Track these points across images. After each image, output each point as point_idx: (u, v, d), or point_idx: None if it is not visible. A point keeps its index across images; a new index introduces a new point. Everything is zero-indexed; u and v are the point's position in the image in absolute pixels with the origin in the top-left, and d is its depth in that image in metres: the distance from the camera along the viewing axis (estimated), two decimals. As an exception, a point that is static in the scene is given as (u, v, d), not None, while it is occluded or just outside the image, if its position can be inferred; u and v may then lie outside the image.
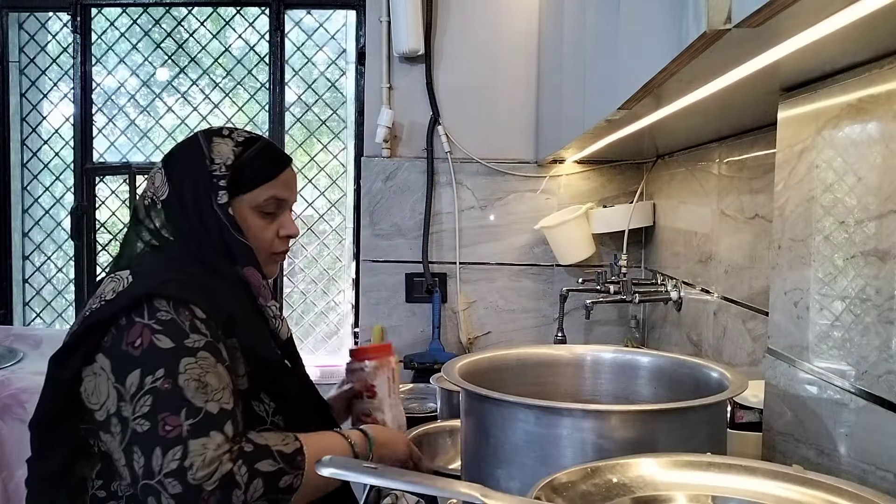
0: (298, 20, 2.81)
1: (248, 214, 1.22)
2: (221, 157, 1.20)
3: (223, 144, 1.22)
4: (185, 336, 1.04)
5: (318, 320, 2.90)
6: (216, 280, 1.16)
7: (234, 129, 1.27)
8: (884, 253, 0.87)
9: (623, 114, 1.25)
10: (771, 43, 0.79)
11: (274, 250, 1.27)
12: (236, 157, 1.21)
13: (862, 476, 0.90)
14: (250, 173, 1.22)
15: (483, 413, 0.98)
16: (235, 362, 1.11)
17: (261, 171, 1.23)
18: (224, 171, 1.20)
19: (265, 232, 1.24)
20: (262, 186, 1.22)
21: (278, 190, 1.24)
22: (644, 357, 1.24)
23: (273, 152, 1.27)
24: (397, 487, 1.12)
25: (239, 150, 1.22)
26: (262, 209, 1.23)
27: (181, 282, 1.10)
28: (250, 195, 1.22)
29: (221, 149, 1.21)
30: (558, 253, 2.46)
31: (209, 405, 1.01)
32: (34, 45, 2.92)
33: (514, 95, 2.55)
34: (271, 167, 1.24)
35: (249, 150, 1.23)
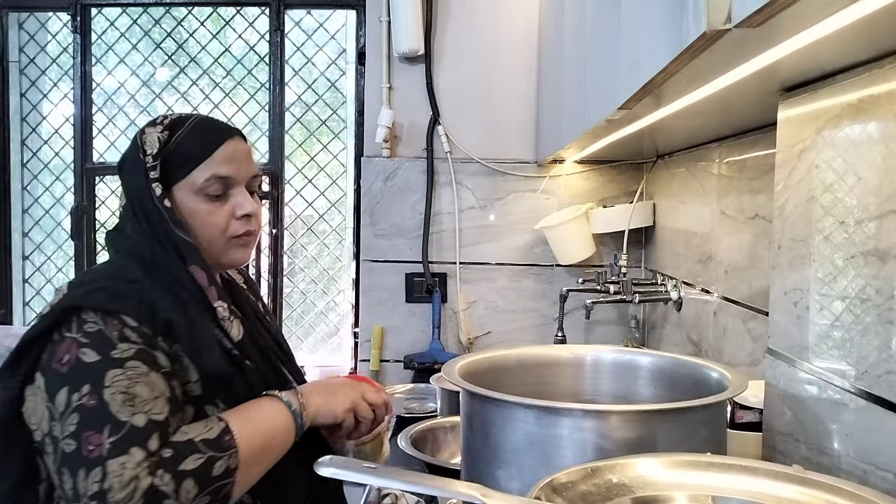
0: (298, 20, 2.81)
1: (191, 201, 1.14)
2: (151, 147, 1.13)
3: (152, 133, 1.14)
4: (111, 347, 1.00)
5: (318, 320, 2.90)
6: (160, 283, 1.08)
7: (170, 115, 1.19)
8: (884, 253, 0.87)
9: (623, 114, 1.24)
10: (771, 43, 0.79)
11: (232, 233, 1.16)
12: (163, 143, 1.13)
13: (862, 476, 0.90)
14: (180, 157, 1.13)
15: (483, 413, 0.98)
16: (184, 369, 1.06)
17: (191, 151, 1.14)
18: (153, 162, 1.12)
19: (215, 216, 1.14)
20: (197, 168, 1.13)
21: (217, 167, 1.14)
22: (644, 357, 1.24)
23: (204, 128, 1.16)
24: (397, 487, 1.12)
25: (165, 136, 1.14)
26: (206, 192, 1.13)
27: (112, 290, 1.04)
28: (187, 181, 1.13)
29: (151, 138, 1.14)
30: (558, 253, 2.46)
31: (136, 418, 0.96)
32: (34, 45, 2.92)
33: (514, 95, 2.55)
34: (203, 145, 1.14)
35: (177, 133, 1.14)
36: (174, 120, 1.16)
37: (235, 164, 1.16)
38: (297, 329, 2.89)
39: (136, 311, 1.03)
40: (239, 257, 1.19)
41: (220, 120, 1.22)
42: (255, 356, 1.15)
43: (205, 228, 1.14)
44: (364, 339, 2.64)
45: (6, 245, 2.89)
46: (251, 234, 1.19)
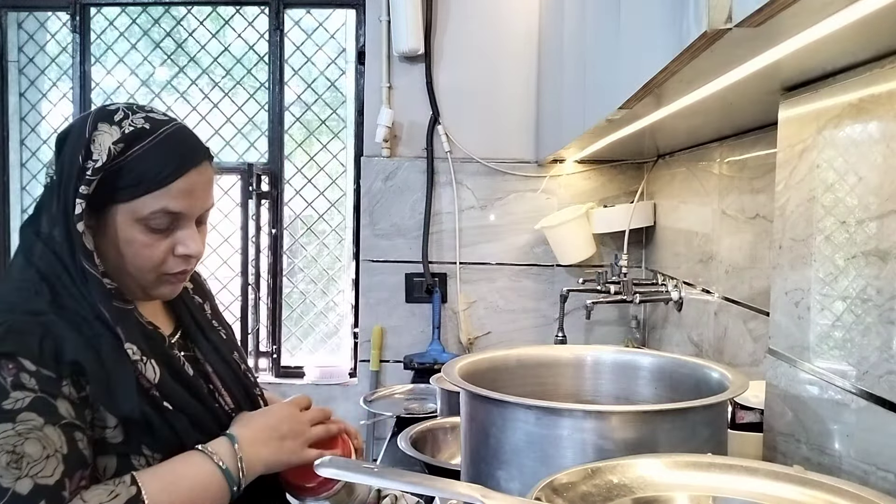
0: (298, 19, 2.81)
1: (129, 228, 0.97)
2: (98, 153, 0.95)
3: (106, 134, 0.96)
4: (3, 396, 0.87)
5: (318, 320, 2.90)
6: (68, 316, 0.94)
7: (137, 110, 1.00)
8: (885, 253, 0.87)
9: (623, 113, 1.24)
10: (772, 42, 0.78)
11: (166, 270, 1.01)
12: (113, 156, 0.95)
13: (863, 476, 0.90)
14: (130, 178, 0.95)
15: (483, 414, 0.98)
16: (101, 414, 0.93)
17: (144, 175, 0.95)
18: (90, 174, 0.94)
19: (152, 250, 0.99)
20: (147, 196, 0.96)
21: (170, 201, 0.97)
22: (645, 357, 1.23)
23: (168, 150, 0.98)
24: (397, 488, 1.12)
25: (120, 147, 0.95)
26: (148, 223, 0.97)
27: (8, 326, 0.90)
28: (130, 205, 0.96)
29: (102, 139, 0.95)
30: (559, 253, 2.46)
31: (20, 483, 0.84)
32: (33, 44, 2.92)
33: (514, 95, 2.55)
34: (161, 172, 0.96)
35: (135, 148, 0.96)
36: (137, 131, 0.97)
37: (192, 198, 1.00)
38: (296, 329, 2.88)
39: (36, 353, 0.90)
40: (167, 294, 1.05)
41: (190, 135, 1.03)
42: (179, 395, 1.01)
43: (136, 260, 0.99)
44: (364, 339, 2.64)
45: (5, 245, 2.89)
46: (186, 273, 1.05)
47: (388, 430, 1.98)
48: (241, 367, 1.16)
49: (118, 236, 0.98)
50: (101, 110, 1.00)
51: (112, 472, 0.94)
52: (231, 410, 1.09)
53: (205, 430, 1.02)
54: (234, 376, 1.14)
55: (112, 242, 0.98)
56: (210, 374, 1.10)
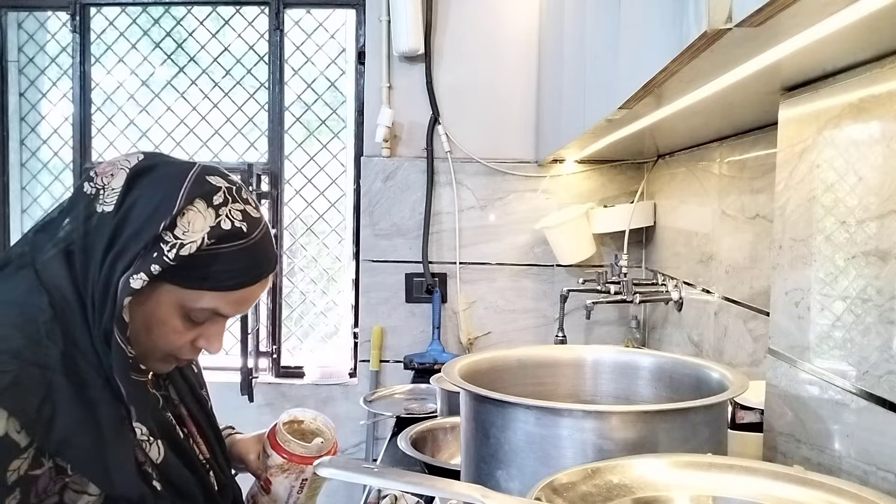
0: (298, 19, 2.81)
1: (167, 312, 0.92)
2: (185, 234, 0.88)
3: (200, 216, 0.89)
4: None
5: (318, 320, 2.90)
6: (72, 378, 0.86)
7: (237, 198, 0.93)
8: (885, 253, 0.87)
9: (623, 113, 1.24)
10: (772, 42, 0.78)
11: (178, 355, 0.97)
12: (200, 247, 0.89)
13: (863, 477, 0.90)
14: (204, 273, 0.90)
15: (483, 414, 0.98)
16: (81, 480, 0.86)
17: (219, 277, 0.91)
18: (170, 257, 0.87)
19: (178, 337, 0.94)
20: (207, 292, 0.91)
21: (225, 305, 0.94)
22: (645, 357, 1.23)
23: (252, 259, 0.93)
24: (397, 488, 1.12)
25: (210, 242, 0.89)
26: (190, 314, 0.93)
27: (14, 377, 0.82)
28: (180, 293, 0.91)
29: (195, 221, 0.89)
30: (559, 253, 2.46)
31: None
32: (33, 44, 2.92)
33: (514, 95, 2.55)
34: (236, 278, 0.92)
35: (223, 246, 0.90)
36: (233, 231, 0.90)
37: (243, 306, 0.97)
38: (296, 329, 2.89)
39: (30, 417, 0.81)
40: (161, 370, 1.00)
41: (270, 246, 0.97)
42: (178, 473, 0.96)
43: (158, 340, 0.94)
44: (364, 339, 2.64)
45: (5, 245, 2.89)
46: (191, 361, 1.03)
47: (388, 430, 1.98)
48: (208, 405, 1.12)
49: (153, 312, 0.91)
50: (201, 180, 0.92)
51: None
52: (206, 460, 1.05)
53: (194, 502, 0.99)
54: (206, 417, 1.09)
55: (143, 312, 0.91)
56: (185, 417, 1.05)
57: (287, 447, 1.15)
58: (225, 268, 0.91)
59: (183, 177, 0.91)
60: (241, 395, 2.53)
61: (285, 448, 1.15)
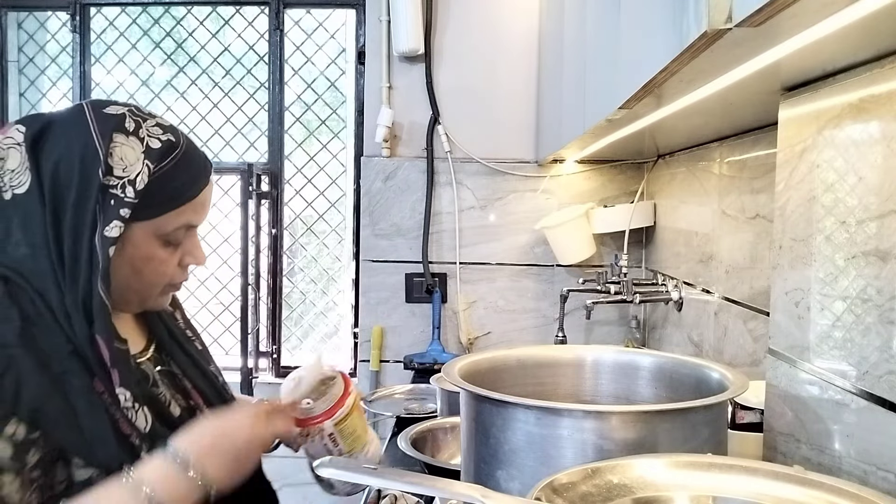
0: (298, 19, 2.81)
1: (149, 245, 0.93)
2: (125, 171, 0.88)
3: (128, 148, 0.89)
4: None
5: (318, 321, 2.90)
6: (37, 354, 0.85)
7: (143, 115, 0.94)
8: (885, 253, 0.87)
9: (623, 113, 1.24)
10: (772, 42, 0.78)
11: (172, 282, 0.99)
12: (149, 175, 0.89)
13: (863, 477, 0.90)
14: (162, 196, 0.91)
15: (483, 414, 0.98)
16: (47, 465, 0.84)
17: (177, 192, 0.92)
18: (130, 195, 0.87)
19: (167, 265, 0.96)
20: (172, 212, 0.93)
21: (192, 215, 0.95)
22: (645, 357, 1.23)
23: (194, 162, 0.95)
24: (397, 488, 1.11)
25: (154, 166, 0.90)
26: (168, 238, 0.94)
27: None
28: (154, 222, 0.92)
29: (126, 154, 0.89)
30: (559, 253, 2.46)
31: None
32: (33, 44, 2.92)
33: (514, 95, 2.55)
34: (191, 186, 0.94)
35: (164, 164, 0.91)
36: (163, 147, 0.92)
37: (205, 210, 0.98)
38: (296, 329, 2.89)
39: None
40: (162, 305, 1.02)
41: (198, 148, 0.99)
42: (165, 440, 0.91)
43: (152, 276, 0.95)
44: (364, 339, 2.64)
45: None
46: (184, 282, 1.03)
47: (388, 430, 1.97)
48: (219, 380, 1.11)
49: (135, 254, 0.92)
50: (102, 116, 0.90)
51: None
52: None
53: None
54: (215, 391, 1.08)
55: (126, 260, 0.92)
56: (190, 390, 1.04)
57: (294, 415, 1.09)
58: (178, 182, 0.92)
59: (83, 120, 0.90)
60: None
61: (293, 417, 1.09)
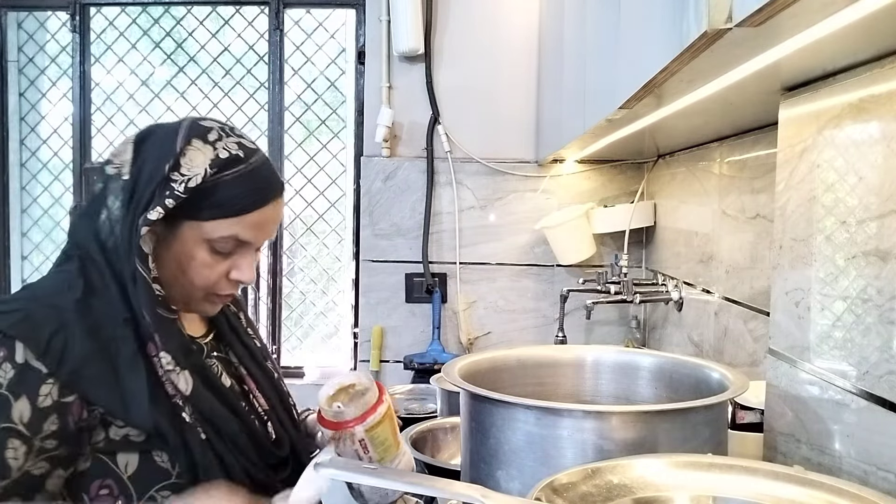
0: (298, 19, 2.81)
1: (193, 245, 0.99)
2: (189, 170, 0.96)
3: (199, 152, 0.97)
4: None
5: (318, 321, 2.90)
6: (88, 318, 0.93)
7: (230, 133, 1.01)
8: (885, 253, 0.87)
9: (623, 113, 1.24)
10: (772, 42, 0.78)
11: (217, 291, 1.03)
12: (205, 177, 0.96)
13: (863, 477, 0.90)
14: (215, 201, 0.97)
15: (483, 414, 0.98)
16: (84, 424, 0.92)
17: (227, 202, 0.98)
18: (180, 190, 0.95)
19: (210, 270, 1.01)
20: (221, 221, 0.98)
21: (243, 230, 0.99)
22: (645, 357, 1.23)
23: (256, 181, 1.00)
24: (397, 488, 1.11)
25: (213, 171, 0.96)
26: (214, 246, 0.99)
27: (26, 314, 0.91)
28: (202, 225, 0.98)
29: (195, 157, 0.97)
30: (559, 253, 2.46)
31: None
32: (33, 44, 2.92)
33: (514, 95, 2.55)
34: (245, 200, 0.98)
35: (226, 173, 0.97)
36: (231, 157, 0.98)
37: (261, 230, 1.02)
38: (296, 329, 2.88)
39: (42, 346, 0.90)
40: (208, 311, 1.07)
41: (273, 170, 1.04)
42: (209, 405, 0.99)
43: (192, 276, 1.01)
44: (364, 339, 2.64)
45: (5, 245, 2.89)
46: (232, 296, 1.08)
47: (388, 430, 1.97)
48: (275, 376, 1.16)
49: (181, 250, 0.99)
50: (195, 125, 1.00)
51: (134, 468, 0.95)
52: (264, 413, 1.10)
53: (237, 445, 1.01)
54: (269, 382, 1.14)
55: (173, 253, 0.99)
56: (244, 376, 1.11)
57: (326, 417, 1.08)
58: (232, 193, 0.98)
59: (177, 126, 1.00)
60: (241, 395, 2.53)
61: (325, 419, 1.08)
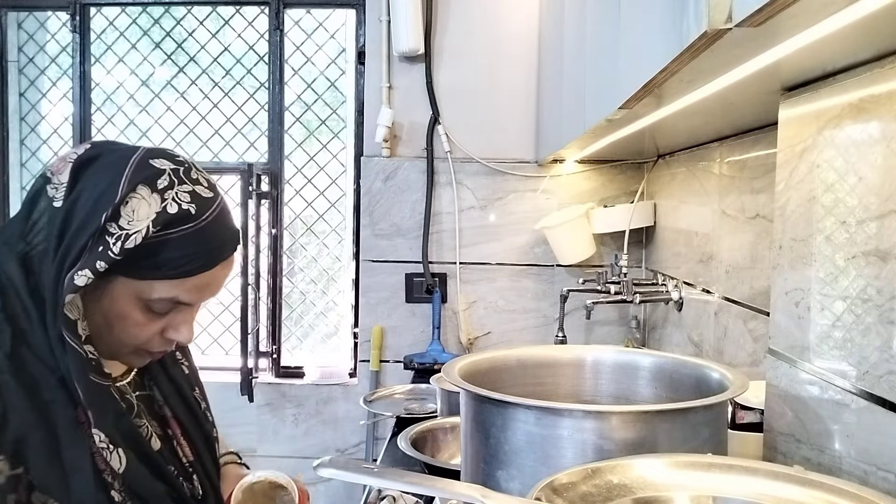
0: (298, 19, 2.81)
1: (126, 304, 0.87)
2: (129, 224, 0.84)
3: (144, 202, 0.84)
4: None
5: (318, 321, 2.90)
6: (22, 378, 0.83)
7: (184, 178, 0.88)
8: (885, 253, 0.87)
9: (623, 113, 1.24)
10: (772, 42, 0.78)
11: (147, 348, 0.93)
12: (146, 236, 0.84)
13: (863, 477, 0.90)
14: (155, 262, 0.85)
15: (483, 414, 0.98)
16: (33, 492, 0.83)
17: (171, 264, 0.86)
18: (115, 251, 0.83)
19: (142, 329, 0.90)
20: (160, 282, 0.87)
21: (184, 293, 0.89)
22: (645, 357, 1.23)
23: (205, 242, 0.88)
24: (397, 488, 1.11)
25: (156, 229, 0.84)
26: (150, 307, 0.89)
27: None
28: (136, 285, 0.87)
29: (138, 208, 0.84)
30: (559, 253, 2.46)
31: None
32: (33, 44, 2.92)
33: (514, 95, 2.55)
34: (190, 265, 0.87)
35: (171, 231, 0.85)
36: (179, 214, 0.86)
37: (206, 292, 0.92)
38: (296, 329, 2.88)
39: None
40: (135, 364, 0.97)
41: (227, 225, 0.92)
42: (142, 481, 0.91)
43: (121, 334, 0.90)
44: (364, 339, 2.64)
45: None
46: (165, 353, 0.98)
47: (388, 430, 1.98)
48: (200, 407, 1.08)
49: (110, 307, 0.88)
50: (144, 165, 0.87)
51: None
52: (189, 465, 1.02)
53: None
54: (195, 420, 1.05)
55: (101, 309, 0.88)
56: (169, 419, 1.02)
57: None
58: (176, 254, 0.86)
59: (125, 163, 0.87)
60: (241, 396, 2.53)
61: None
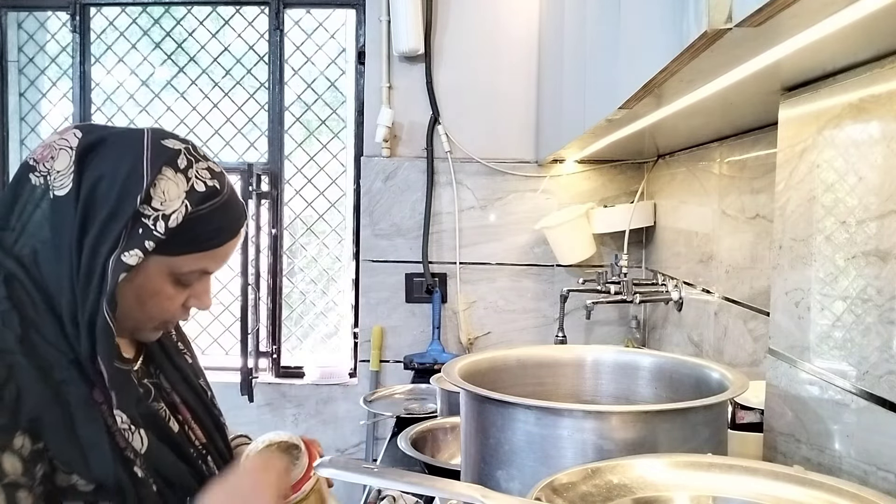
0: (298, 19, 2.81)
1: (160, 280, 0.92)
2: (163, 204, 0.88)
3: (172, 183, 0.89)
4: None
5: (318, 321, 2.90)
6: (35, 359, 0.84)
7: (196, 156, 0.94)
8: (885, 253, 0.87)
9: (623, 113, 1.24)
10: (772, 42, 0.78)
11: (171, 319, 0.98)
12: (185, 214, 0.89)
13: (863, 477, 0.90)
14: (188, 238, 0.91)
15: (483, 414, 0.98)
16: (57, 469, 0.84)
17: (205, 238, 0.92)
18: (160, 230, 0.87)
19: (172, 302, 0.95)
20: (193, 255, 0.93)
21: (212, 262, 0.95)
22: (645, 357, 1.23)
23: (230, 213, 0.94)
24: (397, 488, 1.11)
25: (191, 208, 0.90)
26: (181, 279, 0.94)
27: None
28: (171, 260, 0.91)
29: (169, 189, 0.89)
30: (559, 253, 2.46)
31: None
32: (33, 44, 2.92)
33: (514, 95, 2.55)
34: (220, 236, 0.94)
35: (202, 208, 0.91)
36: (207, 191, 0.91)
37: (227, 259, 0.98)
38: (296, 329, 2.88)
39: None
40: (152, 338, 1.01)
41: (238, 198, 0.98)
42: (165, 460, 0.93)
43: (153, 310, 0.94)
44: (364, 339, 2.64)
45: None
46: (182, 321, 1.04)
47: (388, 430, 1.97)
48: (208, 395, 1.10)
49: (144, 284, 0.91)
50: (160, 148, 0.91)
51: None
52: (202, 446, 1.03)
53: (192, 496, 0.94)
54: (203, 406, 1.07)
55: (134, 288, 0.91)
56: (178, 404, 1.03)
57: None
58: (209, 228, 0.92)
59: (138, 146, 0.90)
60: (241, 396, 2.53)
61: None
